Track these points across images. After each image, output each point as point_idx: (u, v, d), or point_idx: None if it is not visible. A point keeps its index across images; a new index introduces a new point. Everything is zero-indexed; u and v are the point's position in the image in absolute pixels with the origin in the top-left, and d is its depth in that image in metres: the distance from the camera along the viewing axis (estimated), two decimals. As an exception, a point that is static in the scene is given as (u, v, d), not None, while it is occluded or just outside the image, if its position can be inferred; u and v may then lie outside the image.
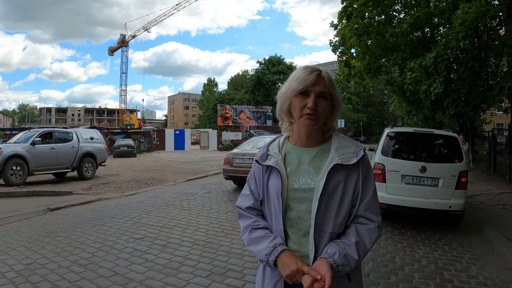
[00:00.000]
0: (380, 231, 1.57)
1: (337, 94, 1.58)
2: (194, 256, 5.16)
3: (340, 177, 1.52)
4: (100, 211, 8.42)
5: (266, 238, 1.56)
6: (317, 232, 1.50)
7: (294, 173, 1.58)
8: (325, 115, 1.56)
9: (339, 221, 1.52)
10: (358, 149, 1.58)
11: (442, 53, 12.64)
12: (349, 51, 20.39)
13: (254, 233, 1.62)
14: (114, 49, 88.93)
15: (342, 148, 1.57)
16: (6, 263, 4.89)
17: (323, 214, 1.50)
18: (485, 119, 27.61)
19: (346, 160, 1.52)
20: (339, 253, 1.44)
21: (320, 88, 1.52)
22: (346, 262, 1.44)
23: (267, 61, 65.72)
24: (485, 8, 11.35)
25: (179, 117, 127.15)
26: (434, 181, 6.56)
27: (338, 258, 1.43)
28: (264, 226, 1.63)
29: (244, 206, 1.71)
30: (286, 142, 1.70)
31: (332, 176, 1.51)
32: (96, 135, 16.30)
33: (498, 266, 4.91)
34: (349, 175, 1.53)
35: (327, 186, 1.49)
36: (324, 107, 1.54)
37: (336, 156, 1.54)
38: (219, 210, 8.28)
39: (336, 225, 1.51)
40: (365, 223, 1.55)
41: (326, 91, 1.53)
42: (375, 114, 74.21)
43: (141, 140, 40.80)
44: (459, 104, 14.24)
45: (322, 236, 1.51)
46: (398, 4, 18.46)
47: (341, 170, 1.52)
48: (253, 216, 1.67)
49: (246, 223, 1.68)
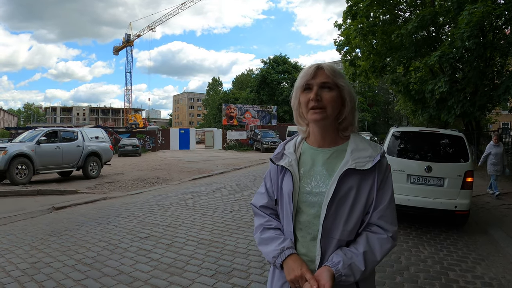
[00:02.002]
0: (394, 241, 1.49)
1: (345, 83, 1.52)
2: (199, 255, 5.17)
3: (353, 183, 1.45)
4: (105, 210, 8.45)
5: (275, 240, 1.54)
6: (325, 238, 1.45)
7: (307, 175, 1.55)
8: (333, 107, 1.49)
9: (348, 228, 1.46)
10: (375, 153, 1.49)
11: (447, 52, 12.57)
12: (354, 51, 20.34)
13: (265, 234, 1.60)
14: (119, 49, 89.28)
15: (358, 151, 1.49)
16: (12, 261, 4.92)
17: (332, 220, 1.45)
18: (490, 119, 27.45)
19: (361, 165, 1.45)
20: (343, 262, 1.39)
21: (321, 79, 1.49)
22: (350, 273, 1.39)
23: (272, 60, 65.59)
24: (491, 7, 11.28)
25: (184, 116, 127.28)
26: (440, 181, 6.54)
27: (342, 268, 1.38)
28: (275, 226, 1.62)
29: (259, 205, 1.70)
30: (303, 141, 1.66)
31: (344, 181, 1.45)
32: (101, 134, 16.36)
33: (503, 267, 4.89)
34: (363, 180, 1.46)
35: (338, 191, 1.44)
36: (330, 97, 1.48)
37: (351, 159, 1.46)
38: (224, 209, 8.28)
39: (345, 232, 1.45)
40: (377, 232, 1.47)
41: (329, 81, 1.49)
42: (380, 114, 73.96)
43: (146, 139, 40.82)
44: (465, 104, 14.16)
45: (329, 242, 1.46)
46: (403, 3, 18.39)
47: (354, 175, 1.45)
48: (266, 216, 1.66)
49: (259, 222, 1.67)
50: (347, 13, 17.97)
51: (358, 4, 17.10)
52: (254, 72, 79.89)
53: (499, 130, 15.75)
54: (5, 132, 50.98)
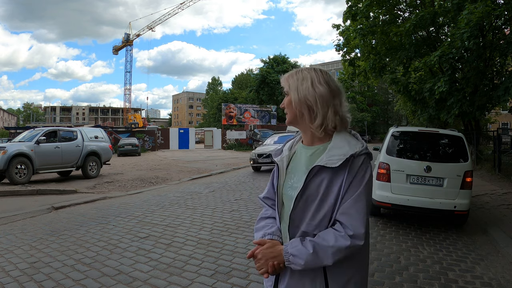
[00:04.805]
0: (354, 241, 1.43)
1: (293, 85, 1.60)
2: (199, 255, 5.16)
3: (323, 179, 1.49)
4: (104, 209, 8.45)
5: (264, 228, 1.69)
6: (292, 228, 1.56)
7: (292, 171, 1.66)
8: (289, 110, 1.62)
9: (314, 222, 1.51)
10: (350, 151, 1.49)
11: (447, 52, 12.56)
12: (353, 51, 20.35)
13: (260, 223, 1.76)
14: (118, 48, 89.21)
15: (335, 148, 1.52)
16: (11, 261, 4.92)
17: (300, 213, 1.54)
18: (490, 119, 27.49)
19: (332, 162, 1.47)
20: (292, 243, 1.50)
21: (283, 89, 1.66)
22: (296, 253, 1.46)
23: (271, 60, 65.63)
24: (490, 7, 11.27)
25: (184, 116, 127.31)
26: (439, 181, 6.54)
27: (290, 248, 1.49)
28: (270, 215, 1.76)
29: (262, 196, 1.85)
30: (300, 140, 1.76)
31: (315, 177, 1.50)
32: (101, 134, 16.36)
33: (503, 267, 4.89)
34: (334, 178, 1.49)
35: (307, 187, 1.51)
36: (286, 102, 1.64)
37: (325, 157, 1.50)
38: (224, 209, 8.28)
39: (311, 225, 1.51)
40: (336, 229, 1.47)
41: (285, 89, 1.64)
42: (379, 114, 74.08)
43: (145, 139, 40.87)
44: (464, 104, 14.14)
45: (296, 232, 1.55)
46: (403, 4, 18.39)
47: (326, 172, 1.49)
48: (266, 205, 1.82)
49: (260, 212, 1.83)
50: (347, 14, 17.95)
51: (357, 4, 17.10)
52: (253, 71, 79.93)
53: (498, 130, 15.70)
54: (4, 131, 50.86)
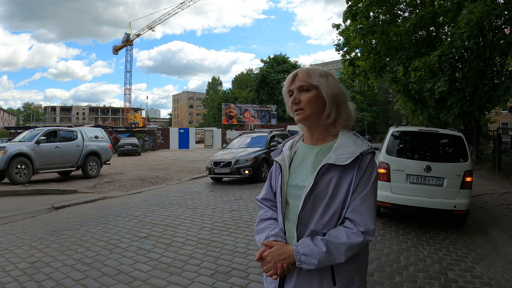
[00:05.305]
0: (366, 237, 1.47)
1: (323, 82, 1.59)
2: (199, 255, 5.17)
3: (332, 178, 1.50)
4: (104, 209, 8.45)
5: (266, 229, 1.67)
6: (301, 227, 1.55)
7: (296, 170, 1.65)
8: (310, 106, 1.59)
9: (324, 220, 1.51)
10: (358, 149, 1.52)
11: (447, 52, 12.54)
12: (353, 51, 20.33)
13: (260, 224, 1.73)
14: (118, 48, 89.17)
15: (342, 147, 1.54)
16: (11, 261, 4.92)
17: (309, 212, 1.53)
18: (490, 118, 27.48)
19: (341, 161, 1.50)
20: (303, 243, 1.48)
21: (298, 83, 1.61)
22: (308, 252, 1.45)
23: (271, 60, 65.71)
24: (490, 7, 11.27)
25: (184, 115, 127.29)
26: (439, 180, 6.54)
27: (301, 247, 1.47)
28: (270, 216, 1.74)
29: (260, 197, 1.84)
30: (300, 139, 1.77)
31: (324, 176, 1.51)
32: (101, 134, 16.35)
33: (502, 266, 4.89)
34: (343, 176, 1.50)
35: (316, 185, 1.51)
36: (306, 98, 1.59)
37: (333, 155, 1.52)
38: (224, 209, 8.28)
39: (320, 223, 1.51)
40: (347, 226, 1.49)
41: (304, 84, 1.60)
42: (379, 113, 74.07)
43: (145, 139, 40.89)
44: (464, 104, 14.13)
45: (304, 231, 1.54)
46: (403, 3, 18.39)
47: (335, 170, 1.51)
48: (265, 207, 1.80)
49: (259, 213, 1.81)
50: (347, 14, 17.93)
51: (357, 4, 17.09)
52: (254, 71, 79.99)
53: (498, 130, 15.70)
54: (4, 131, 50.90)
